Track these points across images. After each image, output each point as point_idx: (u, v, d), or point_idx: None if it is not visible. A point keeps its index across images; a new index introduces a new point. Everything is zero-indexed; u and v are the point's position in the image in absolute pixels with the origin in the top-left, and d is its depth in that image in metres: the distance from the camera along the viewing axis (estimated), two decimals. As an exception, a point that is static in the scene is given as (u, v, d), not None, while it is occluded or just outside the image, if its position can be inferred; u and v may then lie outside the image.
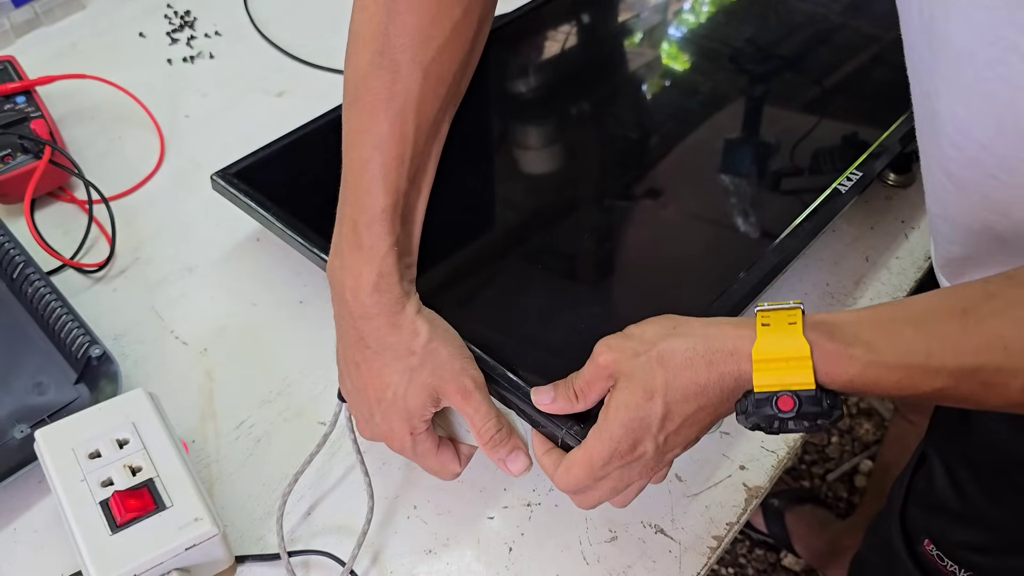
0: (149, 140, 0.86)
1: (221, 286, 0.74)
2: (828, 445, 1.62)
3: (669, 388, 0.47)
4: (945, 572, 0.70)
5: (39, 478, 0.58)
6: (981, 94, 0.46)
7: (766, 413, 0.46)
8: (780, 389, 0.45)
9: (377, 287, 0.54)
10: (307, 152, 0.76)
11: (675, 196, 0.74)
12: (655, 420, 0.48)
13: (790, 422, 0.46)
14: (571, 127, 0.83)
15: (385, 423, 0.55)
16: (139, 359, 0.69)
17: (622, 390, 0.49)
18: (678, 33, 0.94)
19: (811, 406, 0.45)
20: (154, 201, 0.81)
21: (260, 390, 0.67)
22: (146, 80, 0.91)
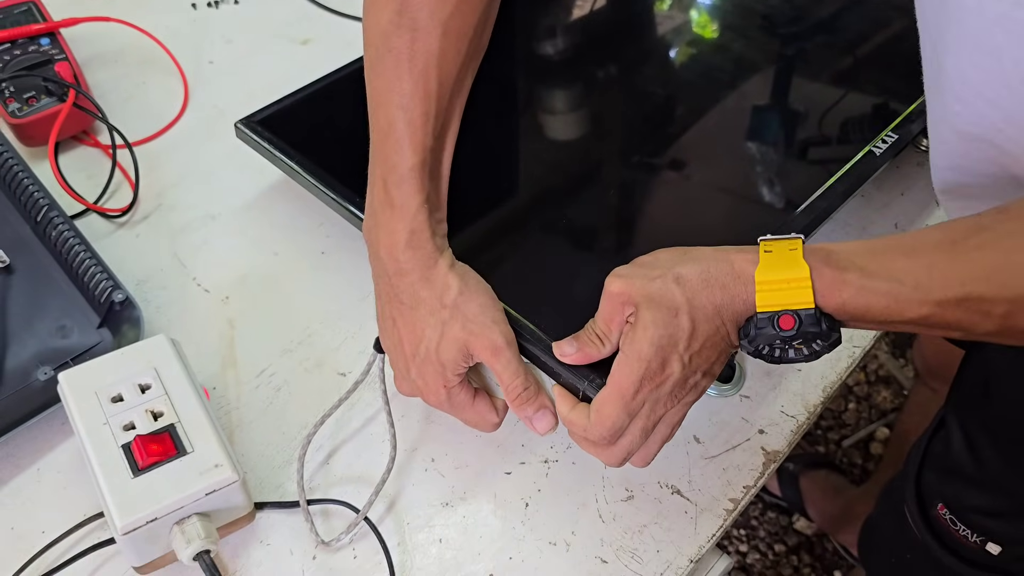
0: (173, 85, 0.85)
1: (243, 234, 0.74)
2: (845, 411, 1.62)
3: (692, 306, 0.49)
4: (957, 536, 0.70)
5: (62, 420, 0.59)
6: (987, 49, 0.45)
7: (768, 333, 0.48)
8: (781, 308, 0.47)
9: (410, 243, 0.55)
10: (331, 101, 0.75)
11: (703, 159, 0.73)
12: (683, 336, 0.49)
13: (790, 348, 0.48)
14: (598, 88, 0.82)
15: (420, 377, 0.56)
16: (161, 305, 0.69)
17: (646, 311, 0.49)
18: None
19: (811, 326, 0.47)
20: (177, 147, 0.80)
21: (281, 339, 0.67)
22: (170, 24, 0.90)
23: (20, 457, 0.60)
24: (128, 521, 0.50)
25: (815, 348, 0.48)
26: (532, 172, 0.73)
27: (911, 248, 0.47)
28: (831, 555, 1.44)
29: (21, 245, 0.68)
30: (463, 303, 0.55)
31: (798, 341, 0.48)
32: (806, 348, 0.49)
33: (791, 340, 0.48)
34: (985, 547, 0.69)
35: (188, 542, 0.51)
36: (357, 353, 0.66)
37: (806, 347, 0.48)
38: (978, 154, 0.52)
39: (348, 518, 0.58)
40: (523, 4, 0.88)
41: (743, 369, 0.65)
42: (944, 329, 0.47)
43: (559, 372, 0.55)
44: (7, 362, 0.62)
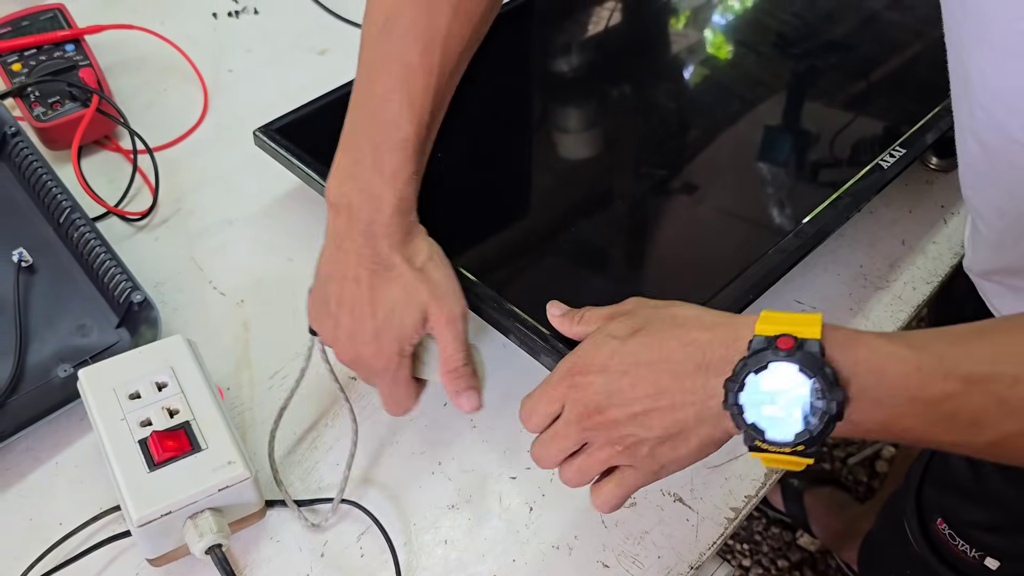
0: (193, 93, 0.87)
1: (259, 240, 0.75)
2: (851, 428, 1.62)
3: (656, 335, 0.47)
4: (956, 551, 0.71)
5: (81, 416, 0.60)
6: (1008, 52, 0.45)
7: (761, 356, 0.43)
8: (780, 332, 0.43)
9: (398, 209, 0.56)
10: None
11: (714, 179, 0.74)
12: (618, 351, 0.48)
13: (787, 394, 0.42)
14: (611, 107, 0.83)
15: (376, 341, 0.56)
16: (178, 307, 0.70)
17: (617, 321, 0.50)
18: (722, 14, 0.94)
19: (810, 355, 0.42)
20: (197, 153, 0.82)
21: (294, 343, 0.68)
22: (191, 33, 0.92)
23: (40, 451, 0.62)
24: (143, 514, 0.52)
25: (813, 417, 0.42)
26: (545, 190, 0.75)
27: (936, 332, 0.44)
28: (834, 572, 1.44)
29: (44, 246, 0.70)
30: (431, 269, 0.56)
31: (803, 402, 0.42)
32: (797, 418, 0.43)
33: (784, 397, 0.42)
34: (984, 562, 0.70)
35: (201, 536, 0.53)
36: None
37: (799, 416, 0.43)
38: (1002, 164, 0.51)
39: (356, 517, 0.59)
40: (539, 21, 0.90)
41: (747, 381, 0.66)
42: (969, 419, 0.42)
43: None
44: (29, 359, 0.64)
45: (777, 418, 0.42)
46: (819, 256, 0.72)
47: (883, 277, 0.74)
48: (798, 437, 0.42)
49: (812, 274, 0.74)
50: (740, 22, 0.92)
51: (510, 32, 0.87)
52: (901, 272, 0.75)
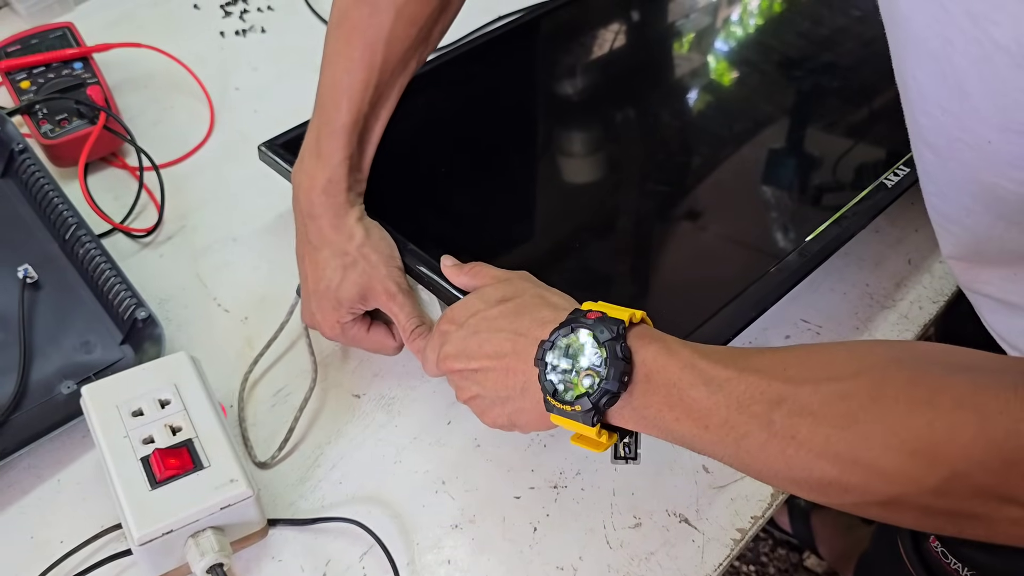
0: (199, 111, 0.88)
1: (263, 257, 0.75)
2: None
3: (516, 306, 0.53)
4: (949, 570, 0.70)
5: (83, 433, 0.60)
6: (928, 55, 0.46)
7: (567, 327, 0.48)
8: (596, 309, 0.49)
9: (326, 190, 0.62)
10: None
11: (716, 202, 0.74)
12: (480, 314, 0.54)
13: (582, 375, 0.47)
14: (616, 131, 0.83)
15: (319, 311, 0.63)
16: (182, 323, 0.70)
17: (493, 286, 0.56)
18: (725, 38, 0.94)
19: (610, 327, 0.47)
20: (202, 171, 0.82)
21: (297, 361, 0.68)
22: (199, 51, 0.93)
23: (42, 468, 0.62)
24: (145, 532, 0.51)
25: (597, 381, 0.47)
26: (548, 212, 0.75)
27: (744, 350, 0.47)
28: (841, 593, 1.43)
29: (49, 262, 0.70)
30: (365, 254, 0.61)
31: (583, 372, 0.47)
32: (587, 383, 0.47)
33: (576, 364, 0.47)
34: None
35: (202, 555, 0.52)
36: (372, 376, 0.67)
37: (587, 378, 0.47)
38: (953, 164, 0.51)
39: (357, 536, 0.59)
40: (543, 46, 0.90)
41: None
42: (715, 426, 0.45)
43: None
44: (32, 376, 0.63)
45: (570, 380, 0.48)
46: (825, 275, 0.72)
47: (889, 296, 0.74)
48: (578, 399, 0.47)
49: (818, 293, 0.73)
50: (743, 46, 0.92)
51: (514, 53, 0.88)
52: (907, 291, 0.75)
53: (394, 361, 0.68)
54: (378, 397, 0.66)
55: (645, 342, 0.47)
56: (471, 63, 0.84)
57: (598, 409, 0.47)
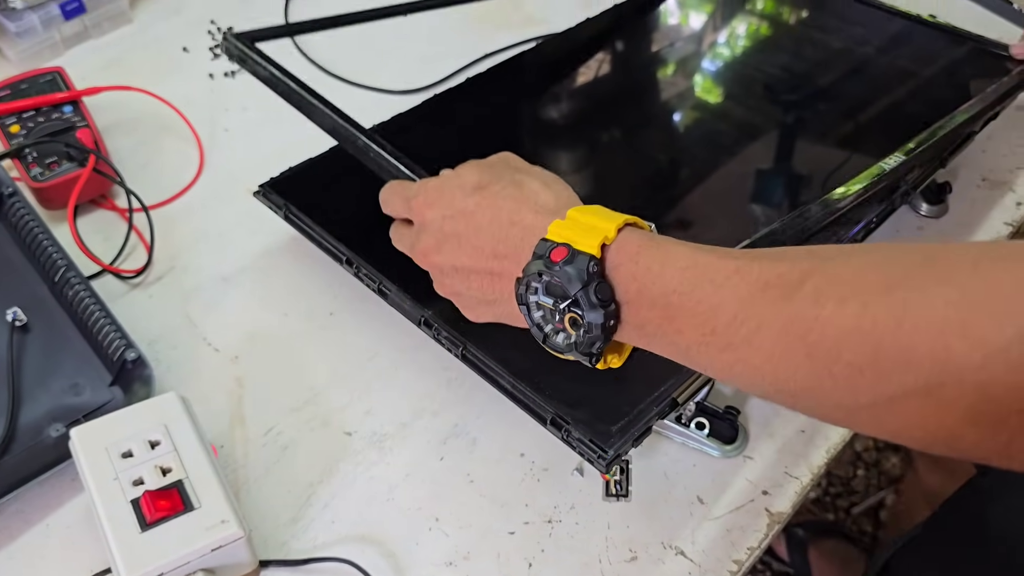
0: (189, 152, 0.88)
1: (253, 296, 0.75)
2: (854, 478, 1.61)
3: (492, 198, 0.49)
4: None
5: (73, 476, 0.60)
6: None
7: (536, 263, 0.45)
8: (562, 241, 0.44)
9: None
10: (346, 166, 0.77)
11: (706, 222, 0.75)
12: (457, 203, 0.50)
13: (559, 320, 0.44)
14: (602, 151, 0.84)
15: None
16: (172, 364, 0.70)
17: (470, 167, 0.53)
18: (711, 63, 0.95)
19: (580, 269, 0.42)
20: (192, 211, 0.83)
21: (288, 399, 0.68)
22: (188, 93, 0.93)
23: (30, 513, 0.61)
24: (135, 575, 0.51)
25: (582, 330, 0.43)
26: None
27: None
28: (842, 626, 1.42)
29: (38, 304, 0.70)
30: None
31: (565, 313, 0.44)
32: (573, 328, 0.44)
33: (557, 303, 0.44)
34: None
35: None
36: (363, 413, 0.67)
37: (573, 327, 0.44)
38: None
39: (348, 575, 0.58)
40: (530, 69, 0.91)
41: (746, 431, 0.66)
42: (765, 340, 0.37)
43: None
44: (20, 419, 0.63)
45: (554, 322, 0.45)
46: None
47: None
48: (568, 348, 0.45)
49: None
50: (728, 71, 0.93)
51: (504, 85, 0.88)
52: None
53: (386, 398, 0.68)
54: (370, 434, 0.66)
55: (633, 256, 0.43)
56: (457, 102, 0.85)
57: (592, 356, 0.44)
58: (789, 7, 1.01)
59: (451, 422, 0.66)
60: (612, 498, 0.60)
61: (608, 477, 0.52)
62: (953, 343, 0.31)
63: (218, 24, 1.03)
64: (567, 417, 0.56)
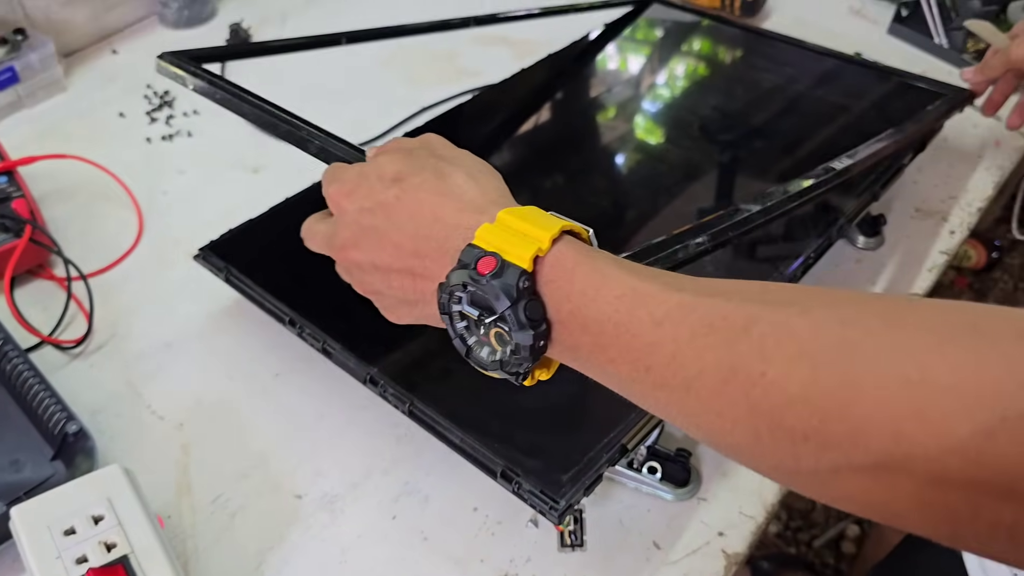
0: (128, 217, 0.87)
1: (197, 361, 0.74)
2: (813, 511, 1.61)
3: (414, 190, 0.45)
4: None
5: (14, 557, 0.58)
6: None
7: (461, 273, 0.41)
8: (491, 249, 0.40)
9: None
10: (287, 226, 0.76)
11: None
12: (377, 194, 0.46)
13: (483, 333, 0.41)
14: (544, 201, 0.85)
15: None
16: (115, 434, 0.69)
17: (391, 153, 0.48)
18: (649, 106, 0.97)
19: (507, 285, 0.39)
20: (132, 277, 0.81)
21: (236, 464, 0.67)
22: (126, 159, 0.92)
23: (-33, 599, 0.59)
24: (78, 659, 0.49)
25: (508, 348, 0.40)
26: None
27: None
28: (810, 659, 1.41)
29: (-27, 381, 0.68)
30: None
31: (491, 328, 0.40)
32: (499, 344, 0.41)
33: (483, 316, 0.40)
34: None
35: None
36: (313, 475, 0.66)
37: (499, 342, 0.41)
38: None
39: (307, 644, 0.57)
40: (467, 121, 0.92)
41: (699, 472, 0.66)
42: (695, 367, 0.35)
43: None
44: (-44, 501, 0.61)
45: (478, 335, 0.42)
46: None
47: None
48: (492, 366, 0.41)
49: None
50: (664, 114, 0.95)
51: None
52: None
53: (335, 459, 0.67)
54: (320, 496, 0.65)
55: (567, 271, 0.39)
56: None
57: (518, 375, 0.41)
58: (723, 49, 1.04)
59: (402, 480, 0.66)
60: (568, 548, 0.59)
61: (562, 528, 0.51)
62: (907, 429, 0.29)
63: (154, 88, 1.03)
64: (516, 469, 0.56)
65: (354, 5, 1.17)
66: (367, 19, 1.14)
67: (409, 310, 0.47)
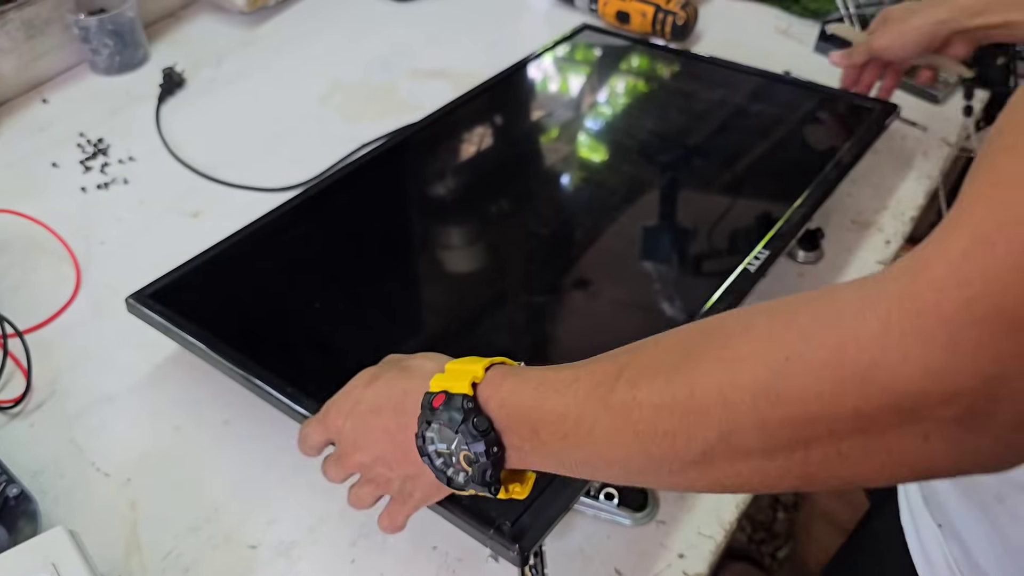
0: (64, 269, 0.85)
1: (142, 413, 0.72)
2: (775, 522, 1.63)
3: (385, 383, 0.53)
4: None
5: (-47, 632, 0.56)
6: None
7: (425, 413, 0.49)
8: (439, 390, 0.49)
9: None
10: (223, 269, 0.76)
11: (598, 286, 0.76)
12: (359, 400, 0.54)
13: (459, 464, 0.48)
14: (491, 227, 0.85)
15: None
16: (59, 495, 0.67)
17: (361, 373, 0.56)
18: (590, 128, 0.98)
19: (456, 408, 0.47)
20: (71, 331, 0.79)
21: (186, 517, 0.65)
22: (60, 209, 0.91)
23: None
24: None
25: (475, 465, 0.47)
26: (439, 311, 0.76)
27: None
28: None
29: (-94, 449, 0.66)
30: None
31: (459, 452, 0.47)
32: (468, 465, 0.47)
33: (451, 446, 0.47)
34: None
35: None
36: (267, 523, 0.65)
37: (468, 463, 0.47)
38: None
39: None
40: (413, 152, 0.92)
41: (655, 495, 0.66)
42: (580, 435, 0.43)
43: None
44: None
45: (453, 464, 0.48)
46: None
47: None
48: (468, 483, 0.48)
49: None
50: (604, 135, 0.96)
51: (384, 172, 0.89)
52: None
53: (289, 505, 0.66)
54: (276, 544, 0.63)
55: (498, 387, 0.47)
56: (338, 193, 0.85)
57: (490, 484, 0.48)
58: (657, 71, 1.05)
59: (359, 521, 0.64)
60: None
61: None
62: (729, 395, 0.37)
63: (87, 136, 1.01)
64: (474, 509, 0.55)
65: (289, 44, 1.17)
66: (302, 58, 1.14)
67: (414, 484, 0.53)
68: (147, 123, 1.03)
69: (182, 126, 1.03)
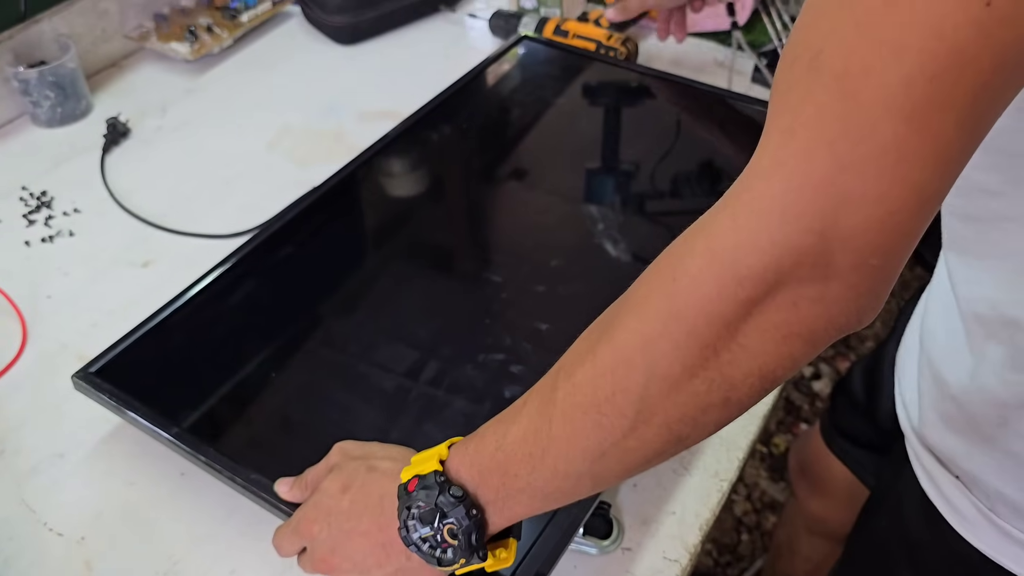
0: (10, 326, 0.83)
1: (95, 469, 0.71)
2: (739, 544, 1.63)
3: (359, 490, 0.54)
4: None
5: None
6: None
7: (403, 501, 0.51)
8: (412, 475, 0.51)
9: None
10: (171, 335, 0.74)
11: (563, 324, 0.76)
12: (334, 510, 0.55)
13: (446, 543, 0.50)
14: (447, 256, 0.85)
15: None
16: (10, 557, 0.65)
17: (329, 479, 0.56)
18: (531, 147, 0.98)
19: (430, 484, 0.50)
20: (18, 388, 0.78)
21: (144, 574, 0.64)
22: (3, 265, 0.89)
23: None
24: None
25: (460, 536, 0.49)
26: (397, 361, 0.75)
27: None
28: None
29: None
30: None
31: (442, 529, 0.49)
32: (452, 538, 0.49)
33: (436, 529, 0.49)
34: None
35: None
36: (228, 573, 0.63)
37: (452, 536, 0.49)
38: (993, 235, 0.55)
39: None
40: (355, 191, 0.92)
41: (620, 522, 0.66)
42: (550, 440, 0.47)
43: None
44: None
45: (440, 544, 0.50)
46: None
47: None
48: (458, 556, 0.50)
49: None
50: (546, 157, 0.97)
51: (332, 213, 0.89)
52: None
53: (250, 555, 0.64)
54: None
55: (463, 453, 0.51)
56: (289, 237, 0.85)
57: (477, 549, 0.50)
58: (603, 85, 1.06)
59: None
60: None
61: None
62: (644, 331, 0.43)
63: (30, 190, 0.99)
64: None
65: (234, 91, 1.16)
66: (248, 104, 1.13)
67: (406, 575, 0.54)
68: (92, 174, 1.02)
69: (128, 176, 1.02)
